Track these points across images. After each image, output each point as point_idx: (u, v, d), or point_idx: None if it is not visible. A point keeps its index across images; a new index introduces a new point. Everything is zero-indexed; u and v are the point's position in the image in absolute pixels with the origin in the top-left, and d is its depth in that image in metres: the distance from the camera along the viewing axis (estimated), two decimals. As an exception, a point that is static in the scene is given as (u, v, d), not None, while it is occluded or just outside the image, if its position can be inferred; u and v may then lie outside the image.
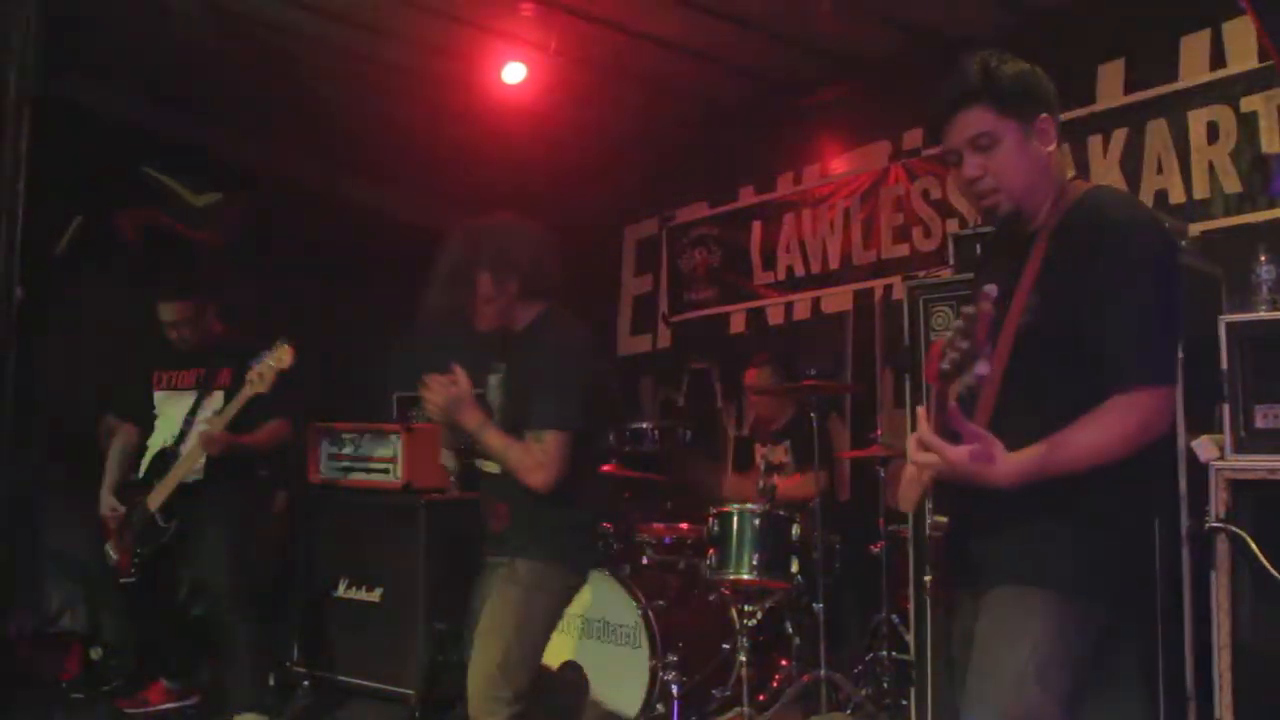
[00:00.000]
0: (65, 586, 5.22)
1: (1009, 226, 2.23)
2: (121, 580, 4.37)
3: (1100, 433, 2.01)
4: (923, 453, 2.04)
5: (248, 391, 4.18)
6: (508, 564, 3.03)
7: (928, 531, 2.18)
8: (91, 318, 5.99)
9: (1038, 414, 2.07)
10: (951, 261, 4.08)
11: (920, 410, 2.10)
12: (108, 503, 4.43)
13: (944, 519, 2.13)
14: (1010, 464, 2.00)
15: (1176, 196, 4.54)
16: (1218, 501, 3.19)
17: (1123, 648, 2.21)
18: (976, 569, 2.16)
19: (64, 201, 6.07)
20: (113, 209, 6.34)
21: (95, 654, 5.06)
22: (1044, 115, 2.18)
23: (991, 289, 1.89)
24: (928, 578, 2.38)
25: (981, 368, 1.88)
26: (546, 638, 3.08)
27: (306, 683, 4.56)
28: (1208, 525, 3.22)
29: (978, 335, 1.85)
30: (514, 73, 5.67)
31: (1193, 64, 4.52)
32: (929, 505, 2.16)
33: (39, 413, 5.77)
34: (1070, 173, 2.26)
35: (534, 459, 2.98)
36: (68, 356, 5.89)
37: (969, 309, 1.88)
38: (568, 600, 3.17)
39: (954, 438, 1.99)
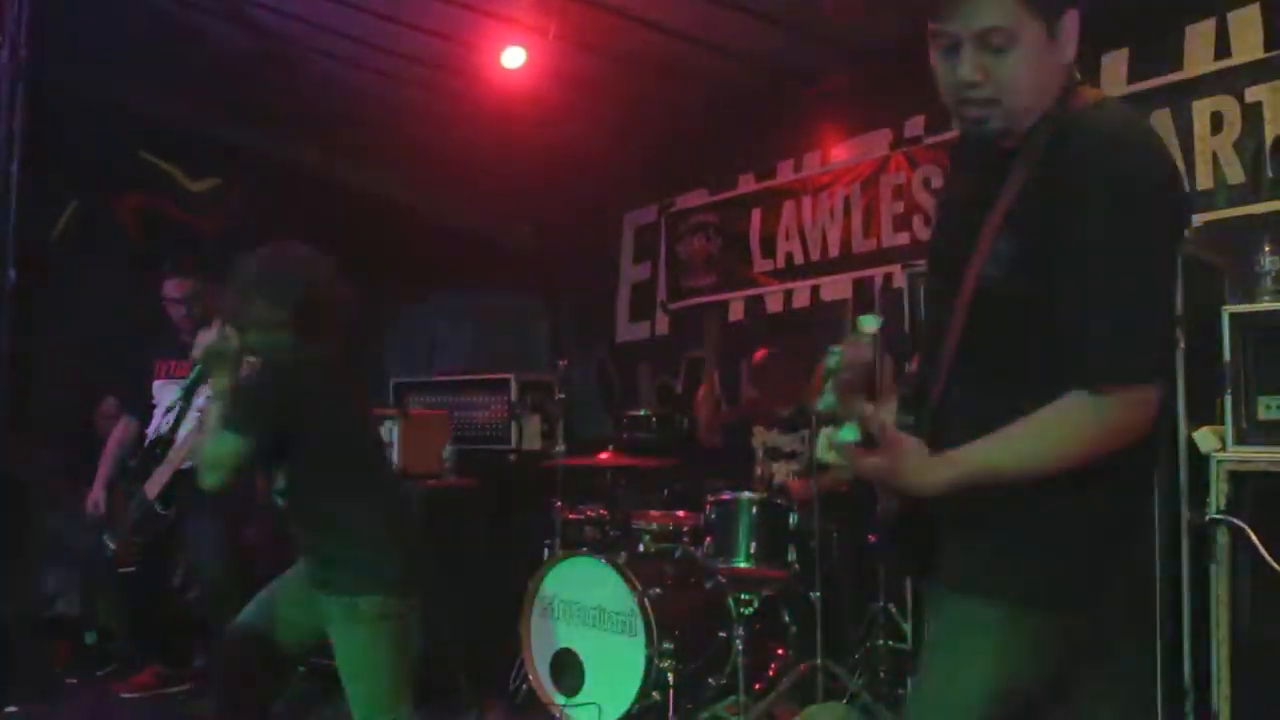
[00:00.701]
0: (60, 571, 5.20)
1: (985, 144, 1.82)
2: (121, 570, 4.35)
3: (1053, 441, 1.65)
4: (832, 454, 1.72)
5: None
6: (346, 603, 2.93)
7: (878, 512, 1.88)
8: (90, 302, 5.98)
9: (999, 392, 1.71)
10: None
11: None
12: (95, 498, 4.40)
13: (893, 501, 1.84)
14: (937, 472, 1.66)
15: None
16: (1218, 493, 3.18)
17: (1113, 654, 2.00)
18: (931, 555, 1.85)
19: (61, 187, 6.09)
20: (110, 194, 6.32)
21: (90, 639, 5.04)
22: (1072, 10, 1.72)
23: (860, 334, 1.66)
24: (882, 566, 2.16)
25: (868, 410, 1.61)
26: (408, 650, 3.03)
27: (301, 669, 4.52)
28: (1208, 517, 3.20)
29: (849, 381, 1.62)
30: (513, 57, 5.64)
31: (1197, 54, 4.49)
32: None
33: (36, 396, 5.76)
34: (1074, 78, 1.80)
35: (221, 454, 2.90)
36: (65, 341, 5.88)
37: (838, 348, 1.65)
38: (414, 610, 3.05)
39: (871, 442, 1.65)
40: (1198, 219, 4.07)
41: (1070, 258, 1.64)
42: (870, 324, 1.69)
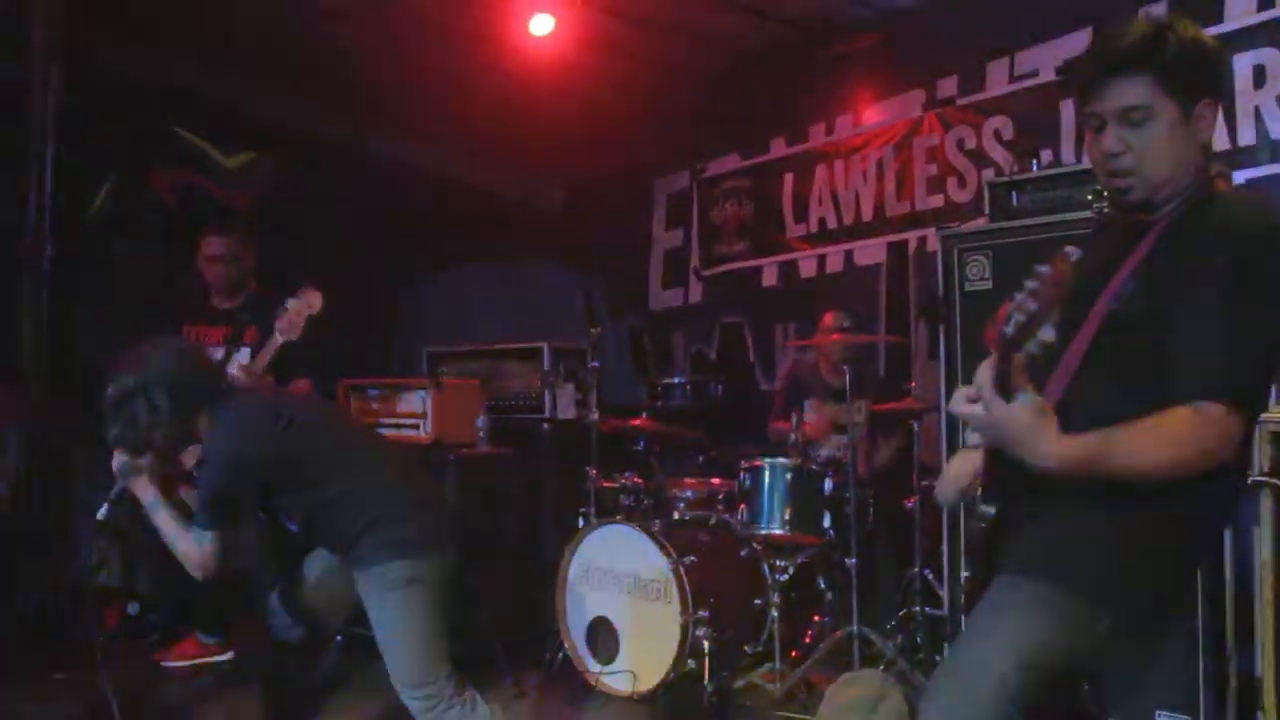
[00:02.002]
0: (101, 542, 5.25)
1: (1131, 211, 2.02)
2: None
3: (1159, 445, 1.79)
4: (967, 405, 1.85)
5: (278, 339, 4.12)
6: (377, 571, 2.97)
7: (974, 523, 2.03)
8: (127, 275, 6.02)
9: (1109, 411, 1.85)
10: (987, 210, 4.00)
11: (982, 365, 1.85)
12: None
13: (991, 510, 1.98)
14: (1060, 445, 1.78)
15: (1221, 143, 4.40)
16: (1261, 455, 3.12)
17: (1153, 644, 2.02)
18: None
19: (97, 162, 6.14)
20: (147, 169, 6.36)
21: (132, 609, 5.10)
22: (1208, 99, 1.95)
23: (1072, 249, 1.73)
24: (965, 574, 2.25)
25: (1047, 334, 1.71)
26: (443, 615, 3.04)
27: (339, 639, 4.56)
28: (1251, 479, 3.15)
29: (1048, 298, 1.67)
30: (541, 24, 5.59)
31: (1237, 5, 4.38)
32: (978, 494, 2.02)
33: (78, 367, 5.82)
34: (1215, 168, 2.03)
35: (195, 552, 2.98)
36: (103, 312, 5.93)
37: (1043, 268, 1.70)
38: (445, 575, 3.06)
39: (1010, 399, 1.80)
40: (1240, 175, 3.98)
41: (1189, 302, 1.83)
42: (1071, 255, 1.74)
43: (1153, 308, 1.87)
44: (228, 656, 4.60)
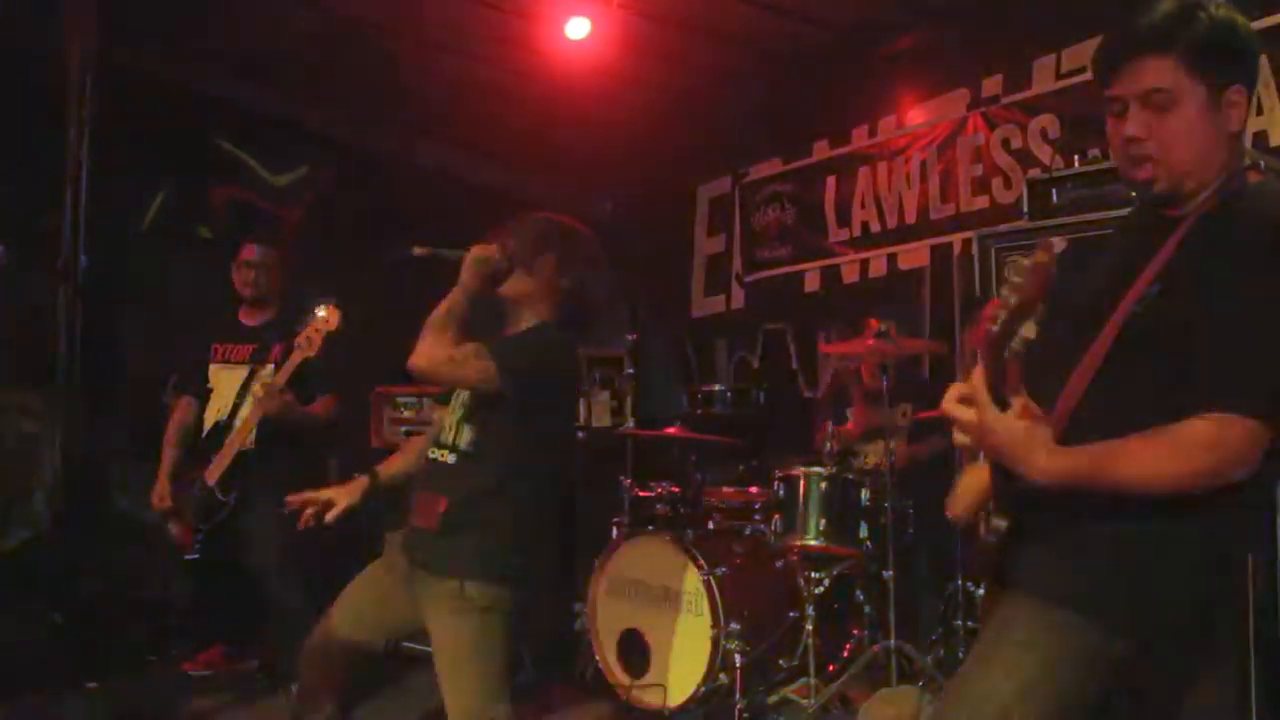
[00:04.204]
0: (137, 551, 5.28)
1: (1156, 206, 1.90)
2: (186, 557, 4.39)
3: (1166, 458, 1.67)
4: (960, 406, 1.76)
5: (296, 356, 4.14)
6: (454, 588, 2.76)
7: (986, 538, 1.91)
8: (174, 289, 6.07)
9: (1126, 420, 1.73)
10: (1026, 209, 3.86)
11: (977, 368, 1.77)
12: (161, 490, 4.43)
13: (1003, 522, 1.85)
14: (1053, 458, 1.69)
15: (1278, 138, 4.23)
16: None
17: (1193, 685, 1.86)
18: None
19: (149, 176, 6.21)
20: (199, 183, 6.42)
21: (169, 619, 5.11)
22: (1238, 85, 1.80)
23: (1053, 241, 1.64)
24: (981, 590, 2.12)
25: (1028, 330, 1.62)
26: (510, 648, 2.87)
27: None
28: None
29: (1030, 292, 1.59)
30: (578, 28, 5.53)
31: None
32: (990, 506, 1.90)
33: (117, 378, 5.87)
34: (1247, 160, 1.88)
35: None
36: (148, 325, 5.98)
37: (1026, 261, 1.61)
38: (517, 608, 2.87)
39: (1003, 407, 1.71)
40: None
41: (1215, 303, 1.70)
42: (1053, 246, 1.67)
43: (1177, 312, 1.73)
44: (251, 667, 4.59)
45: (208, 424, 4.51)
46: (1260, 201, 1.78)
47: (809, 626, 4.25)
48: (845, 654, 4.50)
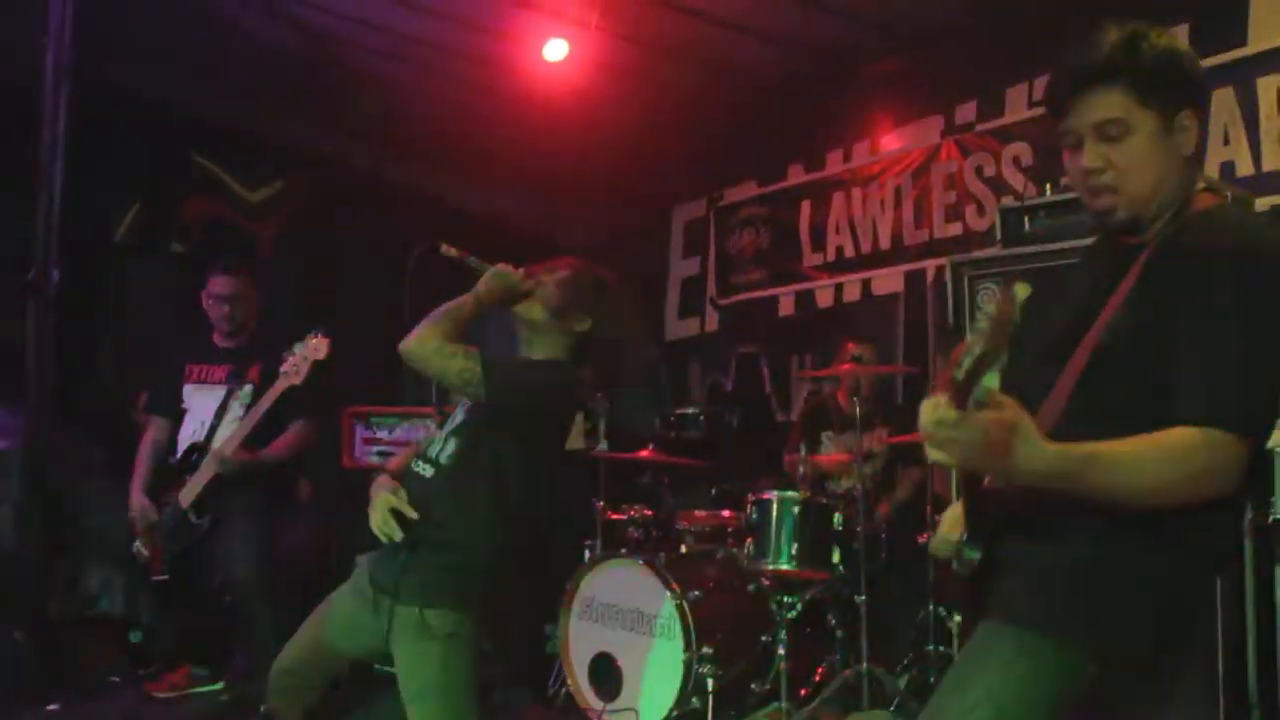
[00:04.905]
0: (103, 569, 5.22)
1: (1118, 234, 1.91)
2: (154, 579, 4.35)
3: (1162, 460, 1.64)
4: (935, 423, 1.62)
5: (281, 384, 4.11)
6: (414, 615, 2.73)
7: (955, 569, 1.90)
8: (145, 303, 6.02)
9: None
10: (999, 236, 3.89)
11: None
12: (139, 503, 4.40)
13: (976, 554, 1.85)
14: (1037, 450, 1.58)
15: (1244, 168, 4.30)
16: (1283, 492, 2.99)
17: (1161, 688, 1.87)
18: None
19: (123, 190, 6.16)
20: (172, 198, 6.38)
21: (135, 637, 5.05)
22: (1188, 110, 1.82)
23: (1012, 289, 1.61)
24: (958, 619, 2.11)
25: (992, 378, 1.56)
26: (477, 671, 2.84)
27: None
28: (1272, 518, 3.02)
29: (994, 340, 1.53)
30: (556, 50, 5.55)
31: (1262, 28, 4.27)
32: (963, 537, 1.88)
33: (94, 396, 5.81)
34: (1201, 184, 1.90)
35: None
36: (120, 341, 5.93)
37: (989, 308, 1.57)
38: (483, 628, 2.85)
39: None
40: (1263, 202, 3.86)
41: (1185, 333, 1.70)
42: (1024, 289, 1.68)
43: (1145, 339, 1.74)
44: (218, 688, 4.53)
45: (181, 445, 4.47)
46: (1217, 221, 1.80)
47: (781, 651, 4.24)
48: (817, 678, 4.49)
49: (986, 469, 1.73)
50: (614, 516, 4.91)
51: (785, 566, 4.33)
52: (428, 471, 2.84)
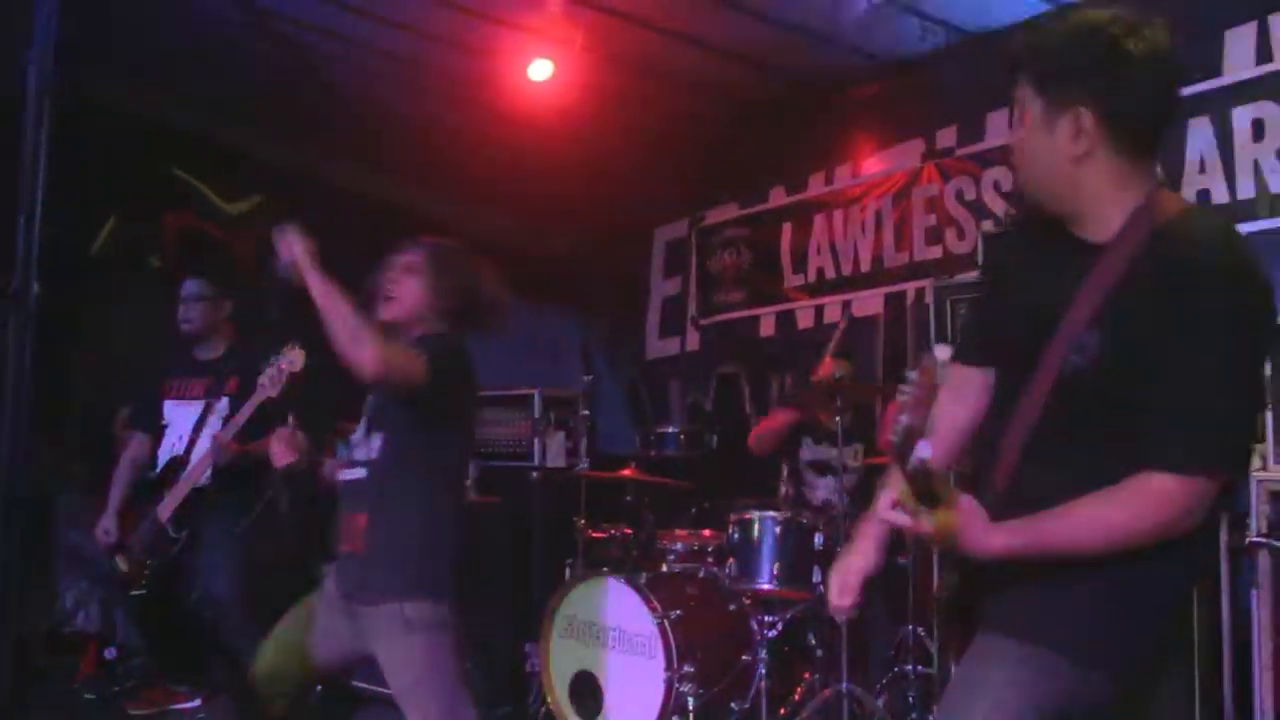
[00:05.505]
0: (80, 586, 5.18)
1: (1047, 224, 1.86)
2: (133, 592, 4.32)
3: (1109, 521, 1.68)
4: (894, 513, 1.76)
5: (258, 396, 4.10)
6: (393, 611, 2.79)
7: (935, 592, 1.99)
8: (123, 318, 5.99)
9: (1072, 480, 1.72)
10: (981, 262, 3.94)
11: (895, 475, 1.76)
12: (108, 525, 4.37)
13: (954, 576, 1.90)
14: (992, 538, 1.70)
15: (1219, 196, 4.36)
16: (1259, 515, 3.03)
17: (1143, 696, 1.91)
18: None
19: (101, 203, 6.13)
20: (150, 212, 6.36)
21: (110, 654, 5.01)
22: (1078, 109, 1.72)
23: (931, 359, 1.60)
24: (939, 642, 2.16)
25: (923, 450, 1.59)
26: (462, 659, 2.89)
27: (319, 688, 4.47)
28: (1249, 540, 3.06)
29: (919, 414, 1.57)
30: (540, 69, 5.56)
31: (1237, 58, 4.34)
32: (938, 562, 1.98)
33: (72, 411, 5.78)
34: (1145, 185, 1.80)
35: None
36: (99, 355, 5.90)
37: (912, 374, 1.60)
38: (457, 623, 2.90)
39: (933, 499, 1.68)
40: (1241, 228, 3.91)
41: (1174, 361, 1.66)
42: (943, 351, 1.69)
43: (1124, 362, 1.71)
44: (197, 704, 4.50)
45: (161, 459, 4.45)
46: (1195, 241, 1.71)
47: (762, 670, 4.26)
48: (797, 697, 4.50)
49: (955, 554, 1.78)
50: (595, 535, 4.92)
51: (766, 586, 4.35)
52: (361, 473, 2.90)
